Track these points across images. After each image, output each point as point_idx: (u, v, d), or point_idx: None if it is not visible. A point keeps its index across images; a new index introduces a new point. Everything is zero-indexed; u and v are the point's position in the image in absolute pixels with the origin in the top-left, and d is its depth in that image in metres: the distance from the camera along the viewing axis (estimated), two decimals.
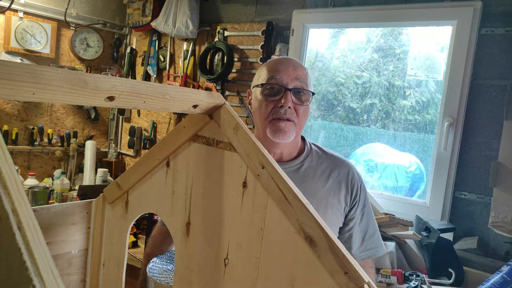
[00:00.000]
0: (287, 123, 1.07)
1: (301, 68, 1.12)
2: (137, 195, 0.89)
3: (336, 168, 1.15)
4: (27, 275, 0.30)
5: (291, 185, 0.65)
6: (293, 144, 1.15)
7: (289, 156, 1.16)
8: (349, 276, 0.57)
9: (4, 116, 2.57)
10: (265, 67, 1.14)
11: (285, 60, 1.14)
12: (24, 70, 0.46)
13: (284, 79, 1.08)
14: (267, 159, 0.67)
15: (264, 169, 0.67)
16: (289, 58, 1.18)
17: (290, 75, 1.08)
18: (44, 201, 2.41)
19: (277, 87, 1.08)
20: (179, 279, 0.81)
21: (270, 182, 0.66)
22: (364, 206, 1.17)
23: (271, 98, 1.09)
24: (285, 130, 1.07)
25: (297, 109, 1.09)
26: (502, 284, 1.26)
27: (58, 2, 2.71)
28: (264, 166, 0.67)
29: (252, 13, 2.52)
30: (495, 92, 1.77)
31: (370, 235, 1.17)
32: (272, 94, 1.09)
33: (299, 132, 1.14)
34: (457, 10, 1.83)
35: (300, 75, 1.10)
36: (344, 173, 1.14)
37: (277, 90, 1.08)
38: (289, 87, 1.08)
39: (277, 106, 1.07)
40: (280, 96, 1.07)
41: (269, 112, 1.08)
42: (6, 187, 0.35)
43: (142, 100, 0.59)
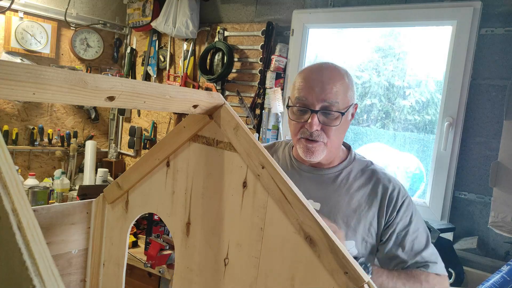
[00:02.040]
0: (314, 144, 1.03)
1: (332, 82, 1.03)
2: (137, 195, 0.89)
3: (376, 182, 1.08)
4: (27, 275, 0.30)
5: (291, 185, 0.65)
6: (332, 153, 1.10)
7: (329, 163, 1.12)
8: (349, 276, 0.57)
9: (4, 116, 2.57)
10: (296, 80, 1.09)
11: (316, 74, 1.05)
12: (24, 70, 0.46)
13: (310, 100, 1.02)
14: (267, 159, 0.67)
15: (264, 169, 0.67)
16: (323, 68, 1.07)
17: (317, 95, 1.01)
18: (44, 201, 2.41)
19: (303, 110, 1.04)
20: (180, 279, 0.81)
21: (270, 182, 0.66)
22: (408, 224, 1.07)
23: (298, 120, 1.05)
24: (313, 151, 1.04)
25: (326, 130, 1.03)
26: (502, 284, 1.26)
27: (58, 2, 2.71)
28: (264, 166, 0.67)
29: (252, 13, 2.52)
30: (495, 92, 1.77)
31: (416, 249, 1.06)
32: (298, 116, 1.05)
33: (333, 149, 1.09)
34: (457, 10, 1.83)
35: (330, 92, 1.01)
36: (382, 189, 1.07)
37: (304, 112, 1.04)
38: (316, 108, 1.01)
39: (304, 127, 1.04)
40: (307, 118, 1.03)
41: (297, 131, 1.06)
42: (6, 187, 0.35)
43: (142, 100, 0.59)
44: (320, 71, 1.06)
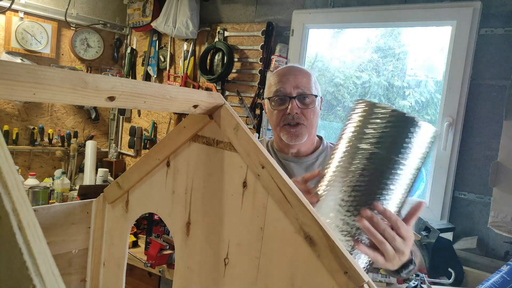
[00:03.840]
0: (297, 127, 1.20)
1: (301, 75, 1.22)
2: (137, 195, 0.89)
3: None
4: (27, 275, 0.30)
5: (291, 185, 0.65)
6: (309, 142, 1.28)
7: (307, 152, 1.29)
8: (349, 275, 0.57)
9: (4, 116, 2.58)
10: (271, 79, 1.27)
11: (287, 70, 1.25)
12: (25, 70, 0.46)
13: (287, 89, 1.20)
14: (267, 159, 0.67)
15: (264, 169, 0.67)
16: (292, 66, 1.28)
17: (292, 84, 1.20)
18: (45, 201, 2.41)
19: (282, 98, 1.20)
20: (180, 279, 0.81)
21: (270, 182, 0.66)
22: None
23: (278, 108, 1.21)
24: (297, 134, 1.20)
25: (304, 112, 1.20)
26: (502, 284, 1.26)
27: (59, 2, 2.72)
28: (264, 166, 0.67)
29: (252, 13, 2.52)
30: (495, 92, 1.77)
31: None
32: (279, 104, 1.21)
33: (312, 131, 1.24)
34: (457, 11, 1.83)
35: (301, 81, 1.20)
36: None
37: (283, 100, 1.20)
38: (293, 95, 1.19)
39: (285, 114, 1.20)
40: (286, 105, 1.20)
41: (279, 119, 1.21)
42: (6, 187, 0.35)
43: (143, 100, 0.59)
44: (291, 68, 1.27)
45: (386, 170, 0.80)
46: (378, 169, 0.80)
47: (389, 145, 0.79)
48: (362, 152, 0.82)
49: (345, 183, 0.82)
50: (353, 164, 0.82)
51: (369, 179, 0.80)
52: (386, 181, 0.80)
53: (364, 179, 0.80)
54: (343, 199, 0.81)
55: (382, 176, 0.80)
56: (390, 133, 0.80)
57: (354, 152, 0.83)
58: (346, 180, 0.82)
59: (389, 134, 0.80)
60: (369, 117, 0.83)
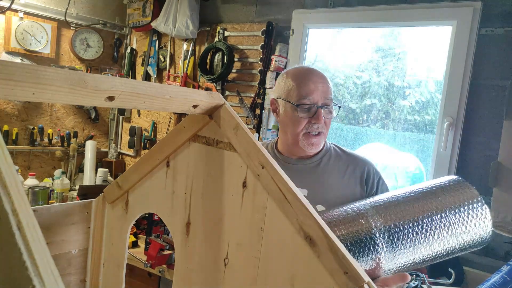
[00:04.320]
0: (318, 137, 1.19)
1: (326, 82, 1.21)
2: (137, 195, 0.89)
3: (352, 165, 1.23)
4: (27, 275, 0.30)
5: (291, 185, 0.65)
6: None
7: (310, 155, 1.27)
8: (349, 275, 0.57)
9: (4, 116, 2.57)
10: (293, 82, 1.20)
11: (313, 76, 1.20)
12: (24, 70, 0.46)
13: (315, 98, 1.16)
14: (267, 159, 0.67)
15: (264, 169, 0.67)
16: (314, 71, 1.23)
17: (320, 93, 1.17)
18: (44, 201, 2.41)
19: (311, 107, 1.17)
20: (180, 279, 0.81)
21: (270, 182, 0.66)
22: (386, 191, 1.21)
23: (305, 116, 1.17)
24: (317, 143, 1.20)
25: (326, 122, 1.20)
26: (502, 284, 1.26)
27: (58, 2, 2.71)
28: (264, 166, 0.67)
29: (252, 13, 2.52)
30: (495, 92, 1.77)
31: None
32: (305, 112, 1.18)
33: (326, 139, 1.26)
34: (457, 10, 1.83)
35: (327, 90, 1.19)
36: (360, 170, 1.22)
37: (310, 108, 1.17)
38: (319, 104, 1.17)
39: (310, 122, 1.17)
40: (313, 114, 1.17)
41: (303, 126, 1.18)
42: (6, 187, 0.35)
43: (142, 100, 0.59)
44: (314, 73, 1.22)
45: (435, 225, 0.86)
46: (428, 220, 0.87)
47: (454, 216, 0.88)
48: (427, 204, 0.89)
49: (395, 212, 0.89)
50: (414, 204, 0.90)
51: (417, 219, 0.87)
52: (426, 231, 0.87)
53: (414, 217, 0.87)
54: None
55: (427, 225, 0.87)
56: (460, 211, 0.89)
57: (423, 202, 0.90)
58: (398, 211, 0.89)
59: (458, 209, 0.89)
60: (465, 206, 0.91)
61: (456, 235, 0.88)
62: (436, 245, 0.87)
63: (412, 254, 0.86)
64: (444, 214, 0.87)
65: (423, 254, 0.87)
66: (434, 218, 0.86)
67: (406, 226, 0.85)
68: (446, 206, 0.88)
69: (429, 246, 0.86)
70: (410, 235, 0.85)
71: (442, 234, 0.86)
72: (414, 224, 0.85)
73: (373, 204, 0.91)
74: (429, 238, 0.85)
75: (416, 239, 0.85)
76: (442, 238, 0.86)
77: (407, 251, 0.85)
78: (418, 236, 0.85)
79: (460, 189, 0.90)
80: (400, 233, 0.84)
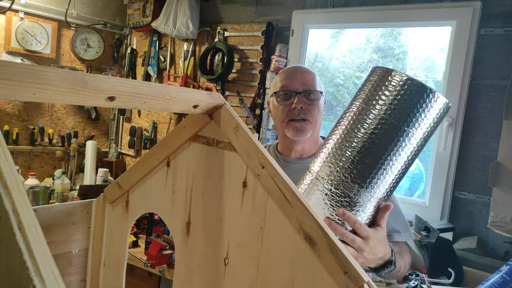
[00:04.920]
0: (302, 122, 1.21)
1: (307, 73, 1.26)
2: (137, 195, 0.89)
3: None
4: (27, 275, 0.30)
5: (291, 185, 0.65)
6: (313, 141, 1.29)
7: (310, 153, 1.30)
8: (349, 275, 0.57)
9: (5, 116, 2.58)
10: (277, 77, 1.30)
11: (293, 69, 1.30)
12: (25, 70, 0.46)
13: (294, 85, 1.23)
14: (267, 159, 0.67)
15: (264, 169, 0.67)
16: (297, 65, 1.35)
17: (298, 81, 1.23)
18: (45, 201, 2.42)
19: (289, 93, 1.23)
20: (179, 279, 0.81)
21: (270, 182, 0.66)
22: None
23: (284, 103, 1.23)
24: (302, 129, 1.22)
25: (309, 108, 1.22)
26: (502, 284, 1.26)
27: (59, 3, 2.72)
28: (264, 166, 0.67)
29: (252, 13, 2.52)
30: (495, 92, 1.77)
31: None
32: (285, 99, 1.24)
33: (316, 128, 1.27)
34: (457, 11, 1.83)
35: (307, 79, 1.24)
36: None
37: (289, 95, 1.23)
38: (299, 90, 1.22)
39: (291, 109, 1.22)
40: (292, 100, 1.22)
41: (285, 115, 1.23)
42: (7, 187, 0.35)
43: (143, 100, 0.59)
44: (298, 67, 1.32)
45: (393, 138, 0.78)
46: (384, 136, 0.78)
47: (401, 113, 0.77)
48: (372, 118, 0.79)
49: (349, 150, 0.81)
50: (360, 129, 0.80)
51: (375, 146, 0.78)
52: (390, 151, 0.78)
53: (370, 146, 0.78)
54: (337, 178, 0.81)
55: (387, 143, 0.78)
56: (402, 100, 0.77)
57: (361, 119, 0.81)
58: (350, 146, 0.81)
59: (401, 101, 0.77)
60: (383, 83, 0.80)
61: (418, 132, 0.77)
62: (405, 153, 0.78)
63: (388, 179, 0.80)
64: (391, 122, 0.76)
65: (398, 168, 0.80)
66: (383, 132, 0.77)
67: (363, 160, 0.78)
68: (389, 114, 0.77)
69: (400, 158, 0.78)
70: (373, 167, 0.78)
71: (405, 143, 0.77)
72: (369, 153, 0.78)
73: (324, 160, 0.84)
74: (393, 153, 0.77)
75: (382, 165, 0.78)
76: (406, 145, 0.77)
77: (381, 180, 0.79)
78: (382, 161, 0.77)
79: (388, 80, 0.78)
80: (365, 172, 0.78)
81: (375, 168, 0.79)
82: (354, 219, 0.81)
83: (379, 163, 0.78)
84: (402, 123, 0.77)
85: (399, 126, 0.77)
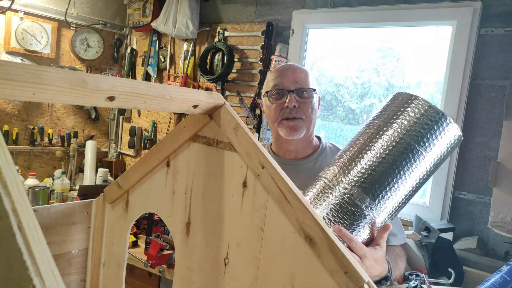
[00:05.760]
0: (295, 121, 1.18)
1: (299, 71, 1.23)
2: (137, 195, 0.89)
3: None
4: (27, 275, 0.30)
5: (291, 185, 0.65)
6: (307, 141, 1.26)
7: (305, 153, 1.27)
8: (349, 275, 0.57)
9: (4, 116, 2.58)
10: (269, 76, 1.27)
11: (285, 67, 1.26)
12: (25, 70, 0.46)
13: (285, 83, 1.20)
14: (267, 159, 0.67)
15: (264, 169, 0.67)
16: (289, 64, 1.31)
17: (290, 79, 1.20)
18: (45, 201, 2.41)
19: (281, 92, 1.20)
20: (180, 279, 0.81)
21: (270, 182, 0.66)
22: None
23: (277, 102, 1.21)
24: (295, 128, 1.18)
25: (302, 107, 1.19)
26: (502, 284, 1.26)
27: (59, 2, 2.72)
28: (264, 166, 0.67)
29: (252, 13, 2.52)
30: (495, 92, 1.77)
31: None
32: (277, 98, 1.21)
33: (310, 127, 1.23)
34: (457, 11, 1.83)
35: (299, 76, 1.21)
36: None
37: (282, 94, 1.20)
38: (291, 89, 1.19)
39: (283, 108, 1.19)
40: (284, 99, 1.19)
41: (277, 114, 1.20)
42: (6, 187, 0.35)
43: (142, 100, 0.59)
44: (289, 65, 1.28)
45: (405, 157, 0.81)
46: (399, 153, 0.82)
47: (416, 134, 0.81)
48: (389, 136, 0.83)
49: (364, 163, 0.84)
50: (374, 144, 0.84)
51: (389, 161, 0.82)
52: (402, 168, 0.81)
53: (382, 161, 0.81)
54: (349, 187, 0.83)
55: (401, 160, 0.81)
56: (419, 124, 0.82)
57: (378, 135, 0.85)
58: (366, 159, 0.84)
59: (418, 124, 0.82)
60: (405, 106, 0.85)
61: (430, 155, 0.82)
62: (416, 173, 0.82)
63: (397, 195, 0.83)
64: (407, 141, 0.81)
65: (408, 187, 0.83)
66: (399, 149, 0.81)
67: (378, 174, 0.81)
68: (406, 133, 0.82)
69: (409, 178, 0.82)
70: (386, 181, 0.81)
71: (416, 163, 0.81)
72: (384, 167, 0.81)
73: (339, 169, 0.87)
74: (405, 171, 0.81)
75: (394, 181, 0.81)
76: (418, 165, 0.82)
77: (392, 196, 0.82)
78: (394, 177, 0.81)
79: (409, 105, 0.84)
80: (377, 185, 0.81)
81: (388, 182, 0.82)
82: (350, 237, 0.80)
83: (392, 178, 0.82)
84: (416, 142, 0.82)
85: (413, 145, 0.82)
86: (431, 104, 0.84)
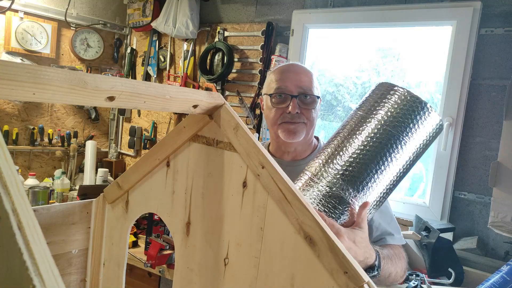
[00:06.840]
0: (295, 124, 1.16)
1: (304, 73, 1.19)
2: (137, 195, 0.89)
3: None
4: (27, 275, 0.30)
5: (291, 185, 0.65)
6: (306, 144, 1.25)
7: (303, 155, 1.25)
8: (349, 275, 0.57)
9: (4, 116, 2.58)
10: (272, 76, 1.23)
11: (289, 68, 1.22)
12: (25, 70, 0.46)
13: (289, 87, 1.16)
14: (267, 159, 0.67)
15: (264, 169, 0.67)
16: (294, 64, 1.25)
17: (294, 82, 1.16)
18: (45, 201, 2.41)
19: (284, 96, 1.17)
20: (180, 279, 0.81)
21: (270, 182, 0.66)
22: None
23: (279, 106, 1.18)
24: (295, 131, 1.16)
25: (304, 112, 1.16)
26: (502, 284, 1.26)
27: (59, 2, 2.72)
28: (264, 166, 0.67)
29: (252, 13, 2.52)
30: (495, 92, 1.77)
31: (380, 222, 1.15)
32: (279, 102, 1.18)
33: (310, 131, 1.21)
34: (457, 11, 1.83)
35: (304, 80, 1.17)
36: None
37: (284, 98, 1.17)
38: (294, 94, 1.15)
39: (285, 112, 1.16)
40: (288, 103, 1.16)
41: (277, 117, 1.18)
42: (6, 187, 0.35)
43: (142, 100, 0.59)
44: (293, 66, 1.24)
45: (387, 146, 0.82)
46: (380, 144, 0.82)
47: (397, 122, 0.83)
48: (368, 126, 0.84)
49: (343, 155, 0.85)
50: (356, 135, 0.85)
51: (372, 150, 0.82)
52: (384, 157, 0.82)
53: (365, 152, 0.82)
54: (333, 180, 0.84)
55: (382, 150, 0.82)
56: (400, 113, 0.83)
57: (360, 125, 0.86)
58: (345, 150, 0.85)
59: (399, 111, 0.83)
60: (385, 96, 0.86)
61: (412, 143, 0.83)
62: (399, 162, 0.83)
63: (380, 185, 0.83)
64: (388, 131, 0.82)
65: (389, 177, 0.84)
66: (380, 139, 0.82)
67: (360, 164, 0.82)
68: (387, 123, 0.83)
69: (392, 167, 0.83)
70: (369, 171, 0.82)
71: (399, 152, 0.82)
72: (366, 158, 0.82)
73: (323, 162, 0.87)
74: (388, 160, 0.82)
75: (376, 171, 0.82)
76: (400, 154, 0.82)
77: (374, 186, 0.83)
78: (376, 166, 0.81)
79: (391, 94, 0.85)
80: (360, 176, 0.82)
81: (371, 172, 0.83)
82: (331, 223, 0.79)
83: (374, 168, 0.82)
84: (398, 131, 0.82)
85: (395, 134, 0.82)
86: (412, 93, 0.84)
